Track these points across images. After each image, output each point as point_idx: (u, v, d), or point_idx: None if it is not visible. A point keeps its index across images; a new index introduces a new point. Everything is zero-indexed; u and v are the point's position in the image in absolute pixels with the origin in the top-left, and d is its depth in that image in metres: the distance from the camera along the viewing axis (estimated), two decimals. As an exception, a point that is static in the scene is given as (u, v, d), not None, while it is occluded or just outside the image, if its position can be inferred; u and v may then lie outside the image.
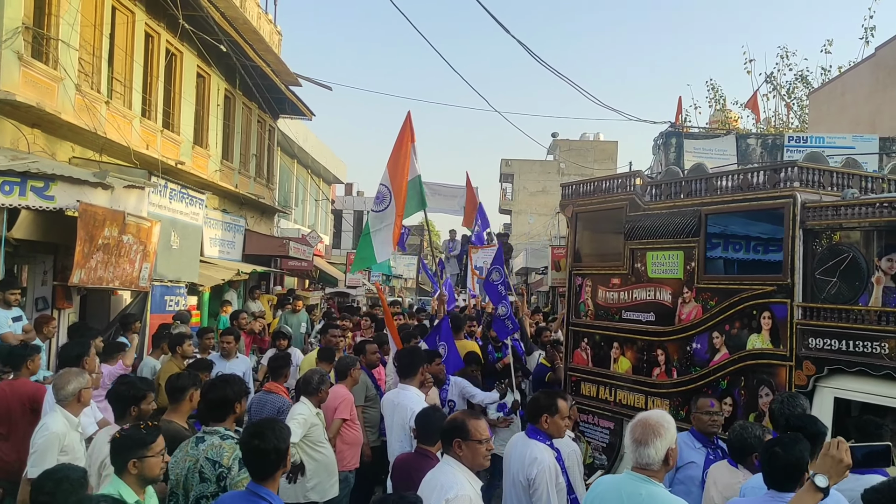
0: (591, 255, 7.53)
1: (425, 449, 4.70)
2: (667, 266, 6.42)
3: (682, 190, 6.37)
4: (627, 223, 6.83)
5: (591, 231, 7.59)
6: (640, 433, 3.49)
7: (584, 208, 7.55)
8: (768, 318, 5.40)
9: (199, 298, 14.71)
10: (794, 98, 28.72)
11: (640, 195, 6.81)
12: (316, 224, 31.63)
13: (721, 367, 5.78)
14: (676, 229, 6.28)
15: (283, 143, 24.71)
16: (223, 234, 17.35)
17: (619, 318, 6.91)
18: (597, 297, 7.22)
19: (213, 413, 4.47)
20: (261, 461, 3.61)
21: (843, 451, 2.95)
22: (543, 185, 45.46)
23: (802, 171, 5.39)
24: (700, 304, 6.04)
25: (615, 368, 6.91)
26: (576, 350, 7.48)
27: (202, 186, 15.32)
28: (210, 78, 17.53)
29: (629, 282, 6.82)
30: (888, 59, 19.89)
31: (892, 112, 19.64)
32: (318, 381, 6.16)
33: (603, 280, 7.14)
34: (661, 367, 6.38)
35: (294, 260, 20.96)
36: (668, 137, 19.02)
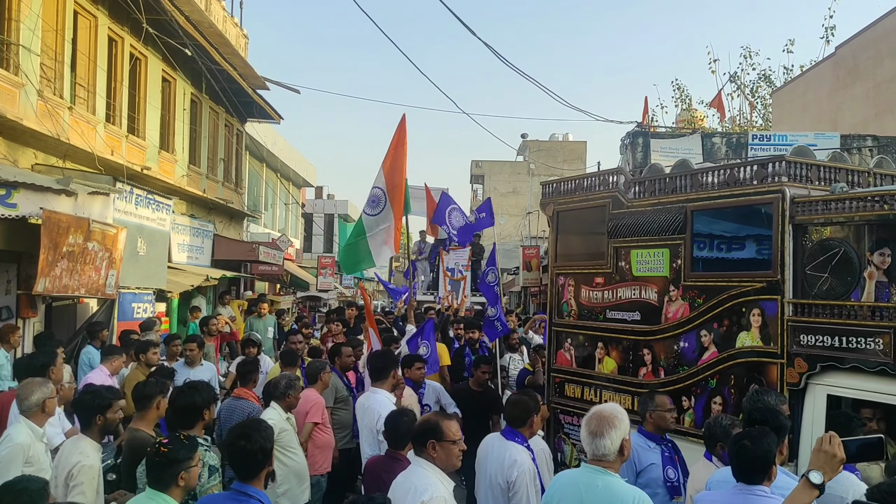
0: (574, 254, 7.39)
1: (395, 452, 4.66)
2: (652, 264, 6.30)
3: (666, 186, 6.24)
4: (610, 221, 6.71)
5: (573, 230, 7.45)
6: (595, 425, 3.53)
7: (566, 207, 7.41)
8: (758, 316, 5.30)
9: (167, 305, 14.51)
10: (758, 97, 29.04)
11: (623, 192, 6.68)
12: (286, 228, 31.36)
13: (710, 366, 5.68)
14: (661, 227, 6.16)
15: (251, 146, 24.52)
16: (191, 240, 17.17)
17: (604, 317, 6.78)
18: (580, 297, 7.09)
19: (182, 420, 4.44)
20: (249, 461, 3.64)
21: (836, 446, 2.88)
22: (514, 185, 45.51)
23: (790, 165, 5.26)
24: (687, 303, 5.93)
25: (600, 369, 6.78)
26: (559, 351, 7.34)
27: (169, 192, 15.13)
28: (175, 82, 17.24)
29: (613, 281, 6.69)
30: (848, 57, 20.13)
31: (852, 110, 19.88)
32: (285, 386, 6.05)
33: (586, 279, 7.02)
34: (648, 367, 6.27)
35: (264, 264, 20.76)
36: (636, 137, 19.08)
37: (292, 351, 8.42)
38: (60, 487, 4.42)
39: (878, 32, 18.79)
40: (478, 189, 50.05)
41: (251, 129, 23.47)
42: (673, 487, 4.80)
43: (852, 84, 19.84)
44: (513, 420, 4.87)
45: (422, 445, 3.98)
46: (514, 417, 4.87)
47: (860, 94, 19.49)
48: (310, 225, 39.37)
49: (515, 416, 4.86)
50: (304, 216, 37.11)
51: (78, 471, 4.41)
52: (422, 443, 3.99)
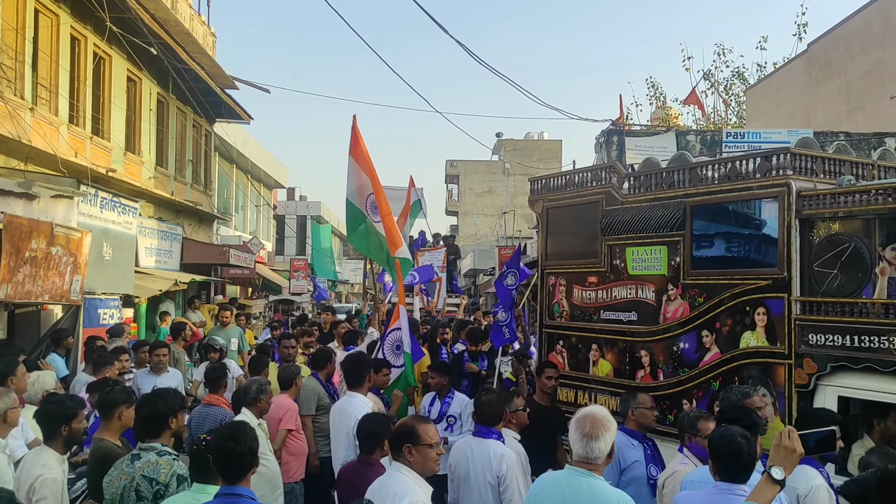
0: (565, 252, 7.21)
1: (367, 457, 4.58)
2: (649, 262, 6.13)
3: (663, 181, 6.05)
4: (604, 218, 6.52)
5: (563, 227, 7.27)
6: (589, 427, 3.52)
7: (556, 203, 7.21)
8: (763, 315, 5.13)
9: (135, 311, 14.32)
10: (732, 94, 29.20)
11: (617, 188, 6.49)
12: (257, 231, 31.06)
13: (712, 368, 5.49)
14: (659, 223, 5.97)
15: (220, 147, 24.28)
16: (159, 244, 17.04)
17: (598, 318, 6.60)
18: (572, 297, 6.91)
19: (148, 429, 4.34)
20: (237, 463, 3.59)
21: (794, 441, 2.94)
22: (489, 185, 45.45)
23: (795, 157, 5.10)
24: (687, 302, 5.76)
25: (595, 372, 6.60)
26: (550, 353, 7.13)
27: (135, 194, 14.90)
28: (141, 82, 17.06)
29: (608, 280, 6.51)
30: (820, 54, 20.25)
31: (825, 106, 20.00)
32: (256, 391, 5.92)
33: (578, 279, 6.83)
34: (646, 370, 6.09)
35: (235, 268, 20.59)
36: (610, 135, 19.08)
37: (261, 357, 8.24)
38: (23, 499, 4.29)
39: (849, 29, 18.93)
40: (453, 189, 49.94)
41: (220, 129, 23.27)
42: (656, 485, 4.75)
43: (824, 81, 19.96)
44: (489, 420, 4.95)
45: (398, 450, 3.94)
46: (490, 417, 4.96)
47: (832, 91, 19.62)
48: (282, 227, 39.01)
49: (492, 415, 4.96)
50: (275, 218, 36.93)
51: (40, 484, 4.31)
52: (398, 447, 3.94)
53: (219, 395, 6.71)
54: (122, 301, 12.88)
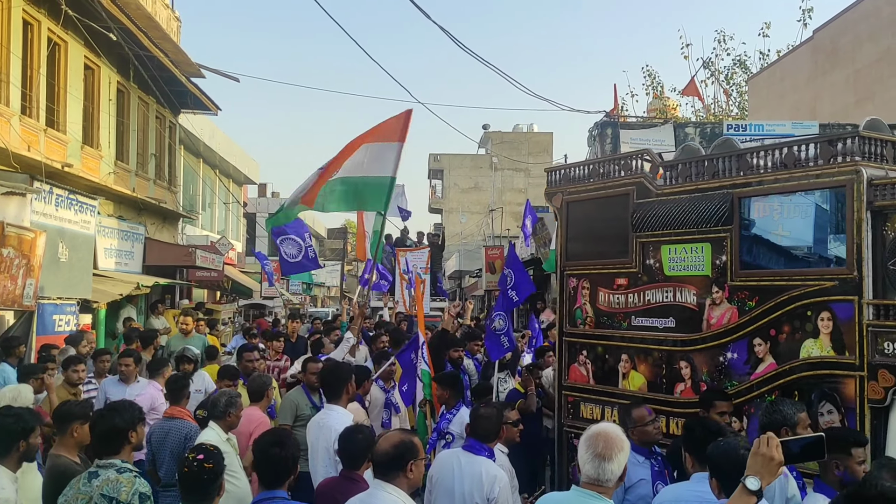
0: (589, 251, 6.93)
1: (351, 472, 4.55)
2: (689, 261, 5.85)
3: (706, 170, 5.73)
4: (635, 212, 6.22)
5: (587, 223, 6.97)
6: (602, 447, 3.47)
7: (578, 196, 6.91)
8: (828, 320, 4.85)
9: (93, 317, 14.27)
10: (733, 84, 29.18)
11: (651, 178, 6.18)
12: (226, 230, 30.96)
13: (767, 381, 5.21)
14: (701, 217, 5.67)
15: (186, 140, 24.19)
16: (119, 244, 17.06)
17: (628, 325, 6.32)
18: (597, 302, 6.63)
19: (106, 445, 4.39)
20: (281, 468, 4.05)
21: (773, 448, 2.86)
22: (475, 181, 45.36)
23: (865, 142, 4.77)
24: (735, 306, 5.49)
25: (625, 385, 6.32)
26: (572, 365, 6.85)
27: (94, 191, 14.90)
28: (100, 70, 16.94)
29: (640, 282, 6.22)
30: (826, 42, 20.18)
31: (831, 97, 19.93)
32: (225, 404, 5.92)
33: (605, 281, 6.55)
34: (686, 383, 5.81)
35: (202, 270, 20.56)
36: (604, 128, 18.98)
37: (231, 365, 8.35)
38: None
39: (857, 14, 18.84)
40: (436, 185, 49.91)
41: (185, 121, 23.17)
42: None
43: (831, 70, 19.87)
44: (486, 435, 4.94)
45: (399, 469, 3.87)
46: (487, 432, 4.95)
47: (840, 81, 19.53)
48: (252, 226, 38.77)
49: (490, 430, 4.96)
50: (245, 216, 36.87)
51: None
52: (401, 466, 3.87)
53: (181, 407, 6.67)
54: (80, 306, 12.96)
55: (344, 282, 27.23)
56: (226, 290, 25.20)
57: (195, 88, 20.57)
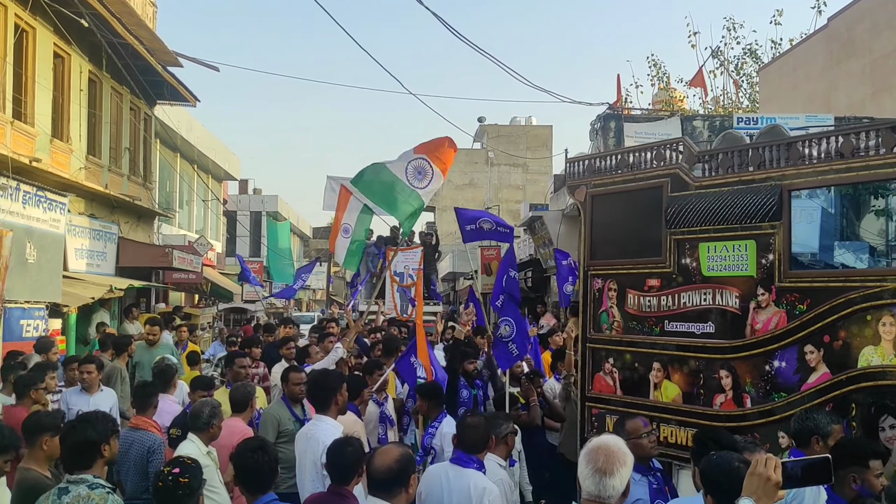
0: (616, 249, 6.74)
1: (341, 488, 4.48)
2: (731, 261, 5.70)
3: (750, 160, 5.57)
4: (670, 206, 6.04)
5: (614, 218, 6.77)
6: (603, 461, 3.42)
7: (605, 189, 6.70)
8: (891, 325, 4.75)
9: (63, 321, 14.22)
10: (743, 74, 29.42)
11: (687, 169, 6.01)
12: (205, 229, 30.85)
13: (820, 392, 5.07)
14: (745, 212, 5.51)
15: (162, 134, 24.14)
16: (91, 244, 17.03)
17: (661, 330, 6.15)
18: (626, 305, 6.47)
19: (77, 459, 4.34)
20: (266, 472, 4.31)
21: (770, 469, 2.85)
22: (471, 177, 45.39)
23: None
24: (783, 310, 5.36)
25: (657, 396, 6.17)
26: (597, 374, 6.69)
27: (64, 188, 14.85)
28: (70, 58, 16.96)
29: (675, 283, 6.06)
30: (842, 30, 20.35)
31: (847, 89, 20.10)
32: (208, 415, 5.90)
33: (634, 282, 6.39)
34: (728, 394, 5.65)
35: (179, 272, 20.63)
36: (607, 121, 19.15)
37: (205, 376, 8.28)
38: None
39: (874, 1, 19.02)
40: (429, 181, 49.55)
41: (162, 113, 23.18)
42: None
43: (847, 60, 20.07)
44: (473, 446, 4.93)
45: (402, 485, 3.93)
46: (474, 442, 4.95)
47: (856, 71, 19.72)
48: (233, 225, 38.83)
49: (477, 441, 4.95)
50: (225, 214, 36.78)
51: None
52: (404, 481, 3.94)
53: (147, 417, 6.61)
54: (49, 310, 12.85)
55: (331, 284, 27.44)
56: (205, 293, 25.16)
57: (172, 78, 20.52)
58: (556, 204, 21.64)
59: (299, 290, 12.92)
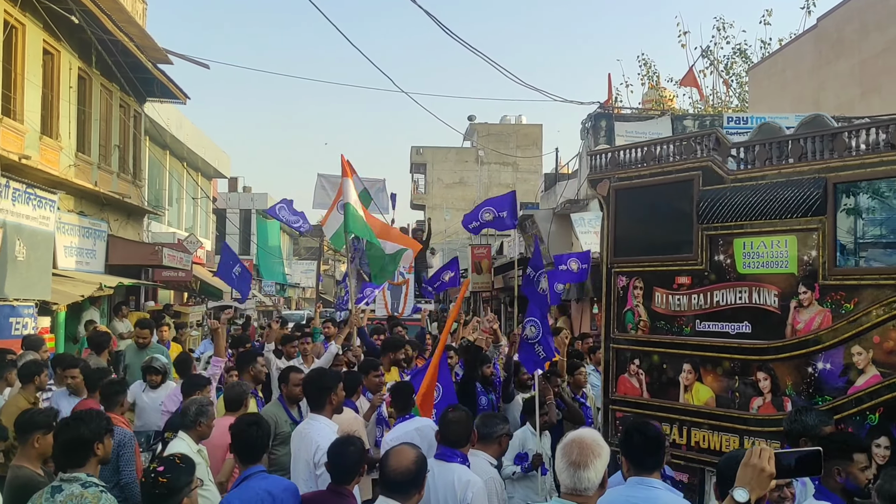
0: (642, 246, 6.51)
1: (341, 487, 4.53)
2: (769, 257, 5.48)
3: (791, 152, 5.39)
4: (702, 200, 5.82)
5: (640, 213, 6.55)
6: (577, 454, 3.51)
7: (630, 183, 6.46)
8: None
9: (52, 319, 14.14)
10: (733, 74, 29.53)
11: (721, 161, 5.83)
12: (194, 227, 30.77)
13: (869, 395, 4.86)
14: (785, 206, 5.31)
15: (152, 131, 24.11)
16: (81, 242, 16.97)
17: (692, 330, 5.94)
18: (653, 303, 6.25)
19: (70, 457, 4.35)
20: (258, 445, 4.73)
21: (764, 460, 2.85)
22: (460, 175, 45.48)
23: None
24: (828, 309, 5.17)
25: (687, 399, 5.95)
26: (621, 376, 6.47)
27: (53, 185, 14.75)
28: (60, 55, 16.86)
29: (707, 281, 5.85)
30: (831, 30, 20.44)
31: (836, 89, 20.19)
32: (195, 413, 5.90)
33: (662, 279, 6.17)
34: (766, 397, 5.45)
35: (169, 270, 20.57)
36: (598, 120, 19.19)
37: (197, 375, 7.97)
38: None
39: (863, 2, 19.11)
40: (419, 179, 49.85)
41: (152, 110, 23.11)
42: None
43: (836, 60, 20.16)
44: (456, 440, 4.98)
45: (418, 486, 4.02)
46: (457, 437, 4.98)
47: (844, 72, 19.81)
48: (223, 223, 38.69)
49: (459, 435, 4.99)
50: (215, 212, 36.69)
51: None
52: (420, 483, 4.02)
53: (116, 414, 6.51)
54: (38, 308, 12.77)
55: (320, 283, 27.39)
56: (194, 292, 25.09)
57: (162, 75, 20.44)
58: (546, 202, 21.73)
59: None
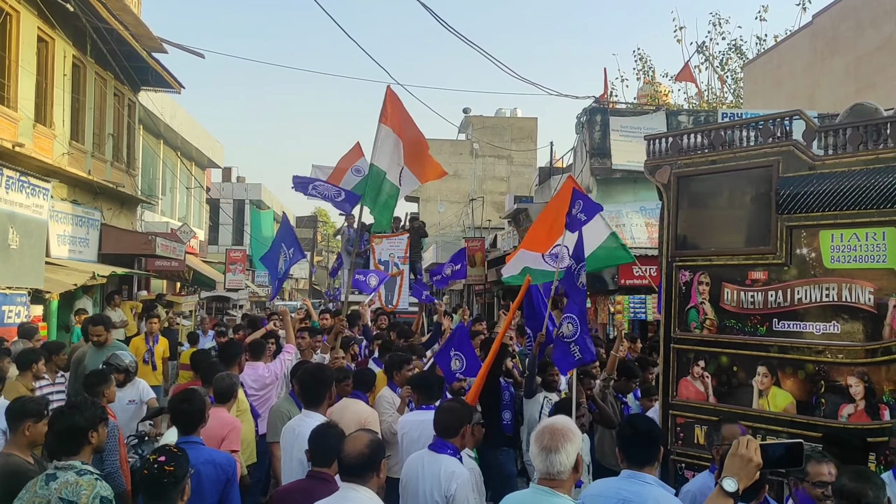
0: (709, 238, 6.12)
1: (322, 472, 4.61)
2: (863, 251, 5.10)
3: (891, 135, 4.99)
4: (782, 189, 5.41)
5: (707, 202, 6.17)
6: (548, 439, 3.62)
7: (695, 170, 6.05)
8: None
9: (45, 308, 14.10)
10: (728, 70, 29.62)
11: (804, 146, 5.45)
12: (188, 216, 30.73)
13: None
14: (883, 195, 4.93)
15: (146, 120, 24.06)
16: (74, 230, 16.92)
17: (768, 330, 5.55)
18: (721, 301, 5.86)
19: (65, 446, 4.40)
20: (194, 418, 5.12)
21: (752, 450, 2.98)
22: (455, 167, 45.29)
23: None
24: None
25: (762, 405, 5.57)
26: (682, 379, 6.08)
27: (47, 173, 14.69)
28: (54, 42, 16.83)
29: (786, 276, 5.43)
30: (826, 27, 20.52)
31: (831, 86, 20.27)
32: None
33: (733, 274, 5.77)
34: (858, 405, 5.04)
35: (162, 259, 20.56)
36: (593, 114, 19.22)
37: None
38: None
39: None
40: (413, 171, 49.44)
41: (146, 99, 23.06)
42: None
43: (831, 57, 20.25)
44: (444, 430, 5.02)
45: (373, 469, 4.01)
46: (446, 426, 5.02)
47: (839, 69, 19.91)
48: (216, 213, 38.58)
49: (448, 424, 5.01)
50: (209, 202, 36.51)
51: None
52: (374, 466, 4.01)
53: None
54: (31, 297, 12.74)
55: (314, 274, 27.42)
56: (186, 281, 25.08)
57: (157, 64, 20.44)
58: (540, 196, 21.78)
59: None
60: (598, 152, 17.69)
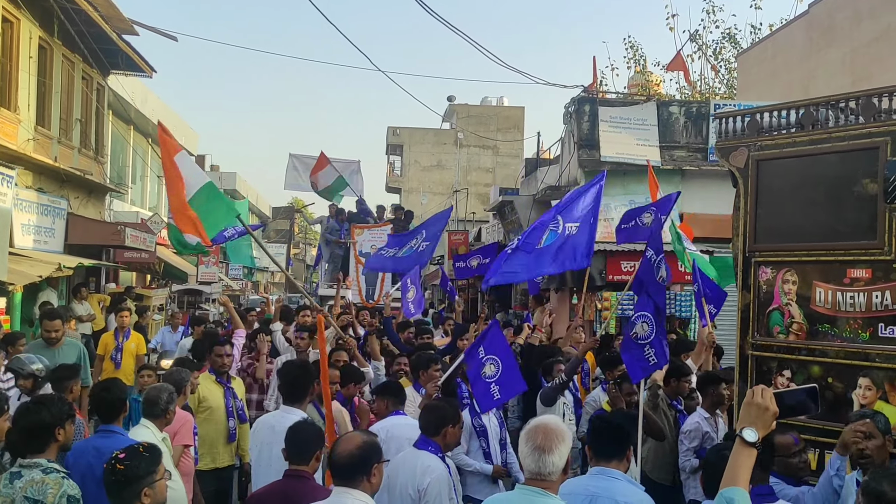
0: (796, 230, 5.64)
1: (300, 469, 4.56)
2: None
3: None
4: (893, 174, 4.92)
5: (794, 189, 5.62)
6: (542, 439, 3.63)
7: (779, 153, 5.58)
8: None
9: (7, 300, 14.08)
10: (721, 60, 29.70)
11: None
12: (159, 206, 30.41)
13: None
14: None
15: (115, 105, 23.91)
16: (39, 220, 16.83)
17: (872, 335, 5.07)
18: (812, 302, 5.42)
19: (30, 443, 4.41)
20: (114, 407, 5.31)
21: (768, 399, 2.96)
22: (438, 158, 45.37)
23: None
24: None
25: None
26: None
27: (10, 160, 14.81)
28: (19, 23, 16.68)
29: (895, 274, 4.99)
30: (822, 17, 20.58)
31: (826, 77, 20.34)
32: (167, 401, 5.92)
33: (827, 272, 5.35)
34: None
35: (132, 251, 20.43)
36: (582, 104, 19.20)
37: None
38: None
39: (856, -12, 19.26)
40: (395, 161, 49.67)
41: (116, 83, 22.94)
42: None
43: (827, 47, 20.31)
44: (426, 427, 5.24)
45: (364, 473, 3.95)
46: (427, 424, 5.25)
47: (835, 60, 19.97)
48: (189, 202, 38.29)
49: (430, 421, 5.25)
50: (181, 192, 36.05)
51: None
52: (366, 469, 3.96)
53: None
54: None
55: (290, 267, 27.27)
56: (157, 274, 25.00)
57: (127, 47, 20.33)
58: (527, 188, 21.72)
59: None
60: (587, 143, 17.63)
